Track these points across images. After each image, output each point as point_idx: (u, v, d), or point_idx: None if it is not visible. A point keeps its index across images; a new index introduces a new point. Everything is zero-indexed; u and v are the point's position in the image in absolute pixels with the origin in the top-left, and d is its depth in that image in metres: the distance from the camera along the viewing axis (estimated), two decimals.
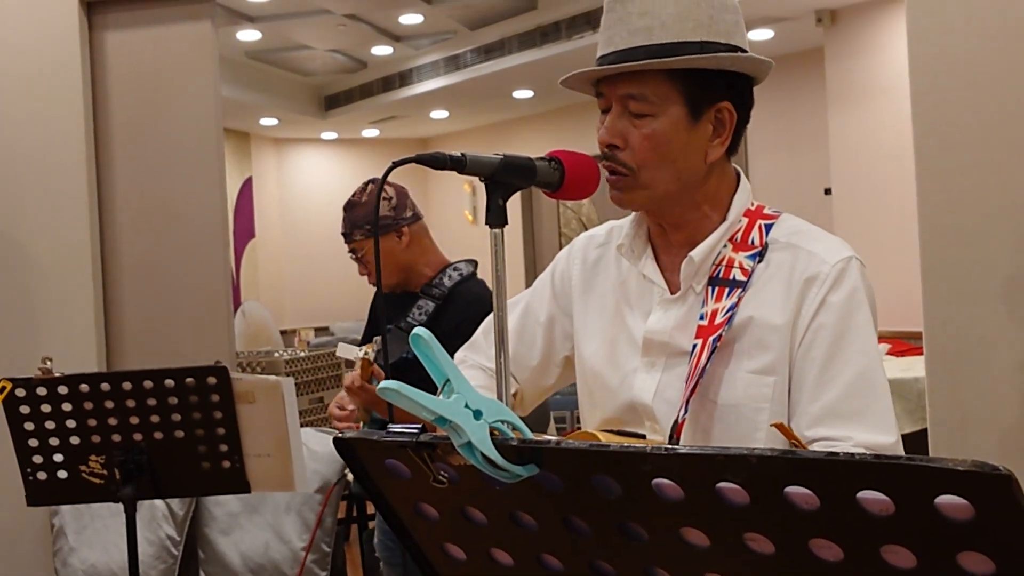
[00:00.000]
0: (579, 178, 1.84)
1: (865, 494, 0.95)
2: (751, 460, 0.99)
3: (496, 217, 1.72)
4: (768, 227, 1.92)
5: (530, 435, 1.23)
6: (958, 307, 3.69)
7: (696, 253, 1.90)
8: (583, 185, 1.85)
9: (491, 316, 2.25)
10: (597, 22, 1.95)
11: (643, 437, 1.92)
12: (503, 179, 1.74)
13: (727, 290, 1.87)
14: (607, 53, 1.88)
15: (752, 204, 1.98)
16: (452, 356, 1.63)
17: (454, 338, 3.41)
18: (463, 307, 3.62)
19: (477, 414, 1.18)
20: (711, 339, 1.82)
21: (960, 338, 3.69)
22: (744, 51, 1.89)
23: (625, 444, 1.10)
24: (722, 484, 1.02)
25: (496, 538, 1.28)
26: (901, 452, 1.77)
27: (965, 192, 3.67)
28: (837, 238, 1.93)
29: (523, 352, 2.19)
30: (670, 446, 1.04)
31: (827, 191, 8.60)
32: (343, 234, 3.77)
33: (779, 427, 1.55)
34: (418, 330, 1.19)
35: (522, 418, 2.10)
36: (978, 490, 0.90)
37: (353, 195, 3.76)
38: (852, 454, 0.95)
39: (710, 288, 1.89)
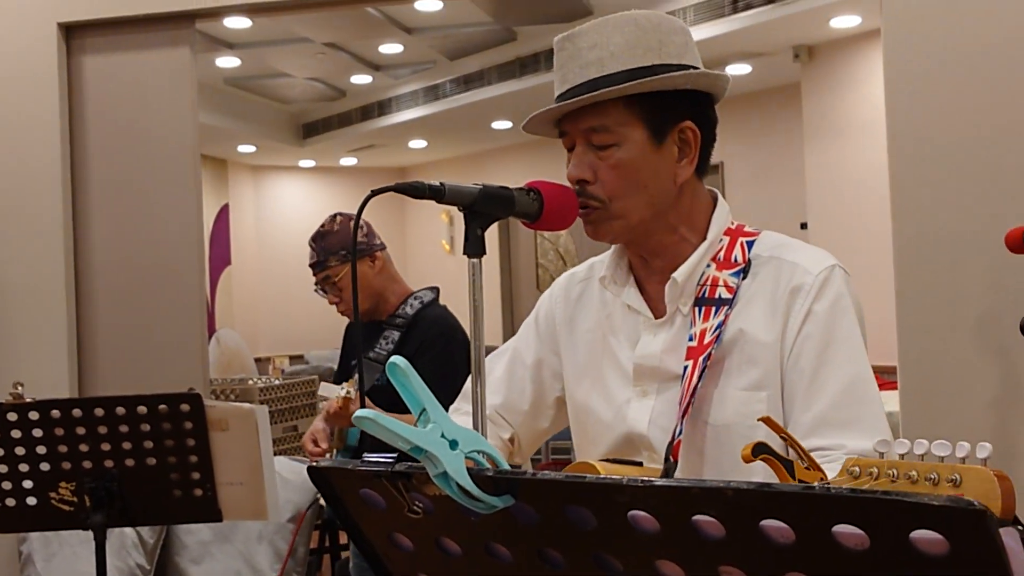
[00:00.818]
0: (558, 209, 1.84)
1: (840, 528, 0.95)
2: (727, 493, 0.99)
3: (474, 247, 1.72)
4: (750, 244, 1.93)
5: (506, 466, 1.22)
6: (932, 342, 3.70)
7: (679, 274, 1.91)
8: (562, 216, 1.85)
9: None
10: None
11: (640, 465, 1.92)
12: (482, 209, 1.74)
13: (714, 309, 1.87)
14: (563, 91, 1.90)
15: (732, 223, 1.98)
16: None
17: (416, 359, 3.48)
18: (424, 329, 3.71)
19: (453, 444, 1.17)
20: (701, 359, 1.82)
21: (934, 373, 3.70)
22: (697, 68, 1.90)
23: (602, 475, 1.10)
24: (698, 516, 1.02)
25: (471, 569, 1.27)
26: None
27: (940, 228, 3.70)
28: (820, 249, 1.94)
29: (514, 398, 2.19)
30: (646, 478, 1.04)
31: (803, 225, 8.64)
32: (313, 265, 3.82)
33: (766, 421, 1.54)
34: (395, 359, 1.19)
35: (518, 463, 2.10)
36: (953, 525, 0.90)
37: (321, 226, 3.85)
38: (828, 487, 0.95)
39: (697, 309, 1.89)
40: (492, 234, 12.22)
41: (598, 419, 2.02)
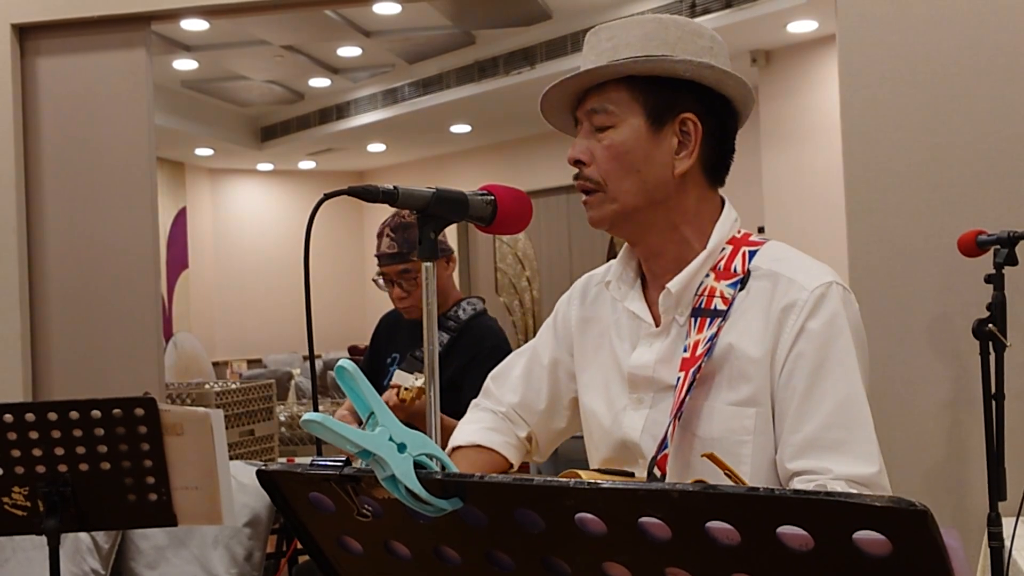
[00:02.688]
0: (512, 213, 1.83)
1: (785, 529, 0.96)
2: (672, 495, 1.00)
3: (428, 250, 1.72)
4: (752, 254, 1.89)
5: (454, 469, 1.22)
6: (885, 346, 3.73)
7: (673, 284, 1.88)
8: (516, 220, 1.85)
9: (503, 361, 2.26)
10: (534, 58, 1.97)
11: (632, 475, 1.90)
12: (435, 212, 1.73)
13: (708, 320, 1.84)
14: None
15: (739, 232, 1.95)
16: (467, 386, 1.64)
17: (469, 369, 3.44)
18: (477, 340, 3.62)
19: (401, 447, 1.17)
20: (691, 370, 1.79)
21: (887, 376, 3.73)
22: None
23: (549, 479, 1.10)
24: (644, 519, 1.02)
25: (420, 572, 1.27)
26: (885, 482, 1.73)
27: (893, 232, 3.73)
28: (821, 264, 1.89)
29: (531, 397, 2.18)
30: (592, 481, 1.04)
31: (760, 229, 8.69)
32: (391, 255, 3.68)
33: (710, 457, 1.54)
34: (343, 362, 1.18)
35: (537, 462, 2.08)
36: (895, 525, 0.91)
37: (401, 217, 3.70)
38: (772, 489, 0.96)
39: (693, 319, 1.86)
40: (451, 238, 12.20)
41: (599, 424, 2.01)
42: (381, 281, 3.75)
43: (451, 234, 12.58)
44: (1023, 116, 3.66)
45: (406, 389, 3.30)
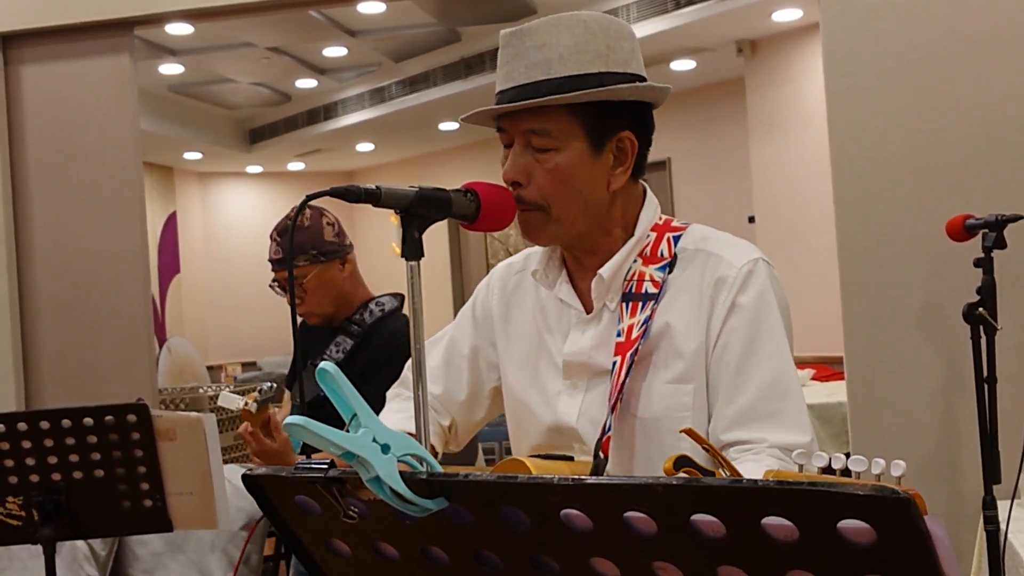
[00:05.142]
0: (495, 209, 1.83)
1: (769, 520, 0.96)
2: (657, 489, 1.00)
3: (412, 250, 1.71)
4: (676, 238, 1.95)
5: (439, 468, 1.22)
6: (877, 333, 3.73)
7: (605, 270, 1.92)
8: (499, 216, 1.85)
9: None
10: None
11: (571, 459, 1.92)
12: (418, 211, 1.73)
13: (640, 304, 1.88)
14: (507, 88, 1.88)
15: (660, 219, 1.99)
16: (363, 394, 1.61)
17: (368, 375, 3.30)
18: (379, 344, 3.52)
19: (385, 448, 1.17)
20: (628, 354, 1.83)
21: (880, 363, 3.73)
22: (642, 78, 1.90)
23: (533, 475, 1.10)
24: (630, 513, 1.03)
25: (408, 573, 1.27)
26: (816, 450, 1.79)
27: (882, 220, 3.73)
28: (745, 242, 1.95)
29: (451, 387, 2.19)
30: (577, 476, 1.04)
31: (751, 219, 8.69)
32: (277, 260, 3.58)
33: (688, 432, 1.55)
34: (324, 364, 1.18)
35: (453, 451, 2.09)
36: (879, 514, 0.91)
37: (287, 219, 3.60)
38: (755, 481, 0.96)
39: (624, 304, 1.90)
40: (442, 235, 12.18)
41: (531, 411, 2.04)
42: (277, 288, 3.63)
43: (441, 231, 12.56)
44: (1008, 100, 3.66)
45: (244, 408, 3.27)
